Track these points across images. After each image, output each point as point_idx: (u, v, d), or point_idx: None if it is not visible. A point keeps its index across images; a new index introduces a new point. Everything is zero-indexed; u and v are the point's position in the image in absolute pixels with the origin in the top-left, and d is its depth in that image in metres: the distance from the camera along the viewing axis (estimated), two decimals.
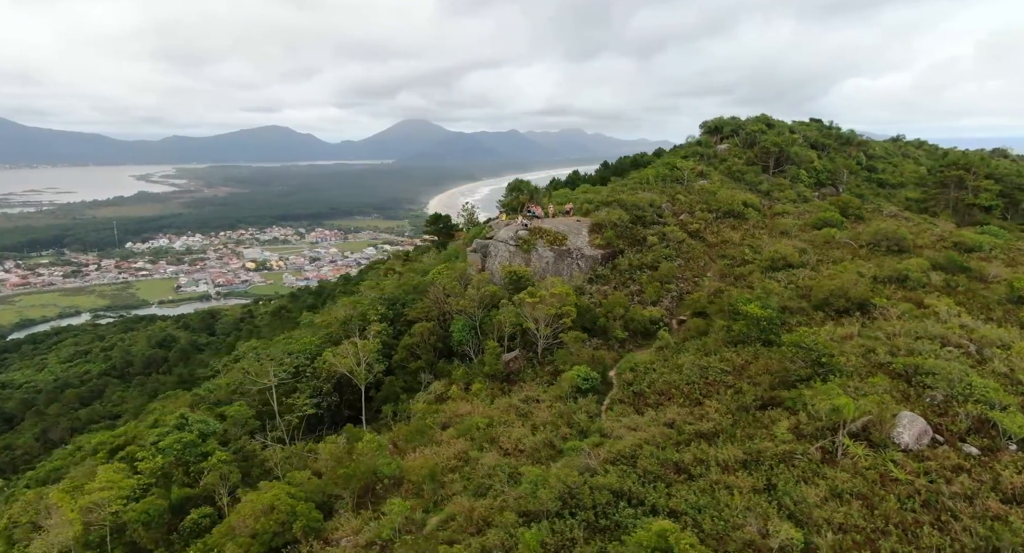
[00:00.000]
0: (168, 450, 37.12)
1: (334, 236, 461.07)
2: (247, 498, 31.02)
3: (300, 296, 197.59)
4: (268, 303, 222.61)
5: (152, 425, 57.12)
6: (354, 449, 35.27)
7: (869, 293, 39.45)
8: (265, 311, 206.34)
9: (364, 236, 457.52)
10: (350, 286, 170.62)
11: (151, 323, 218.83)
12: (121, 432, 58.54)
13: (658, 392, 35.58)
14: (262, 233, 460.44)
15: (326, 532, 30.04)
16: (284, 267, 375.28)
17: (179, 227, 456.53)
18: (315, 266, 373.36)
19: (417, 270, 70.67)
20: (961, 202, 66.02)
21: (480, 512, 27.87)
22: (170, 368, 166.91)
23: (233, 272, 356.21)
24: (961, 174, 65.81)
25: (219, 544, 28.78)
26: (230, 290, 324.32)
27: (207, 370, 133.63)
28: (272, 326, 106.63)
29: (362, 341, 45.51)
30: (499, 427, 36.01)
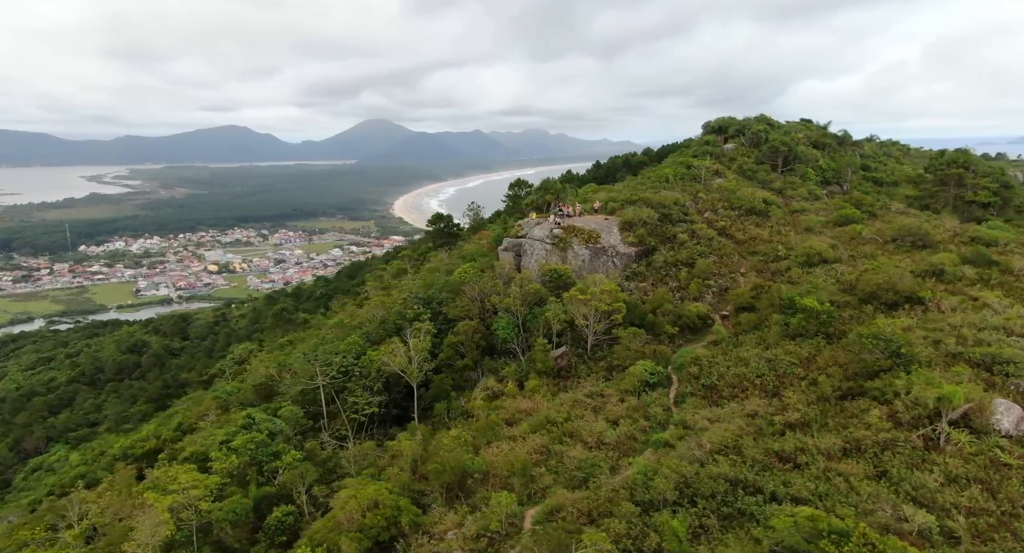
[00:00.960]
0: (242, 450, 37.02)
1: (298, 237, 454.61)
2: (343, 494, 30.93)
3: (276, 298, 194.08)
4: (242, 306, 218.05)
5: (176, 428, 55.82)
6: (437, 446, 35.38)
7: (916, 287, 41.11)
8: (240, 314, 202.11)
9: (329, 237, 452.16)
10: (334, 287, 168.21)
11: (117, 328, 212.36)
12: (143, 436, 56.99)
13: (730, 385, 36.44)
14: (223, 235, 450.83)
15: (425, 526, 30.10)
16: (248, 269, 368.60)
17: (135, 229, 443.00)
18: (280, 268, 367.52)
19: (434, 269, 70.29)
20: (961, 199, 69.24)
21: (589, 503, 28.25)
22: (143, 373, 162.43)
23: (195, 275, 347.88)
24: (960, 172, 69.03)
25: (328, 539, 28.61)
26: (192, 293, 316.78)
27: (192, 374, 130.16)
28: (273, 328, 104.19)
29: (413, 339, 45.20)
30: (576, 422, 36.35)
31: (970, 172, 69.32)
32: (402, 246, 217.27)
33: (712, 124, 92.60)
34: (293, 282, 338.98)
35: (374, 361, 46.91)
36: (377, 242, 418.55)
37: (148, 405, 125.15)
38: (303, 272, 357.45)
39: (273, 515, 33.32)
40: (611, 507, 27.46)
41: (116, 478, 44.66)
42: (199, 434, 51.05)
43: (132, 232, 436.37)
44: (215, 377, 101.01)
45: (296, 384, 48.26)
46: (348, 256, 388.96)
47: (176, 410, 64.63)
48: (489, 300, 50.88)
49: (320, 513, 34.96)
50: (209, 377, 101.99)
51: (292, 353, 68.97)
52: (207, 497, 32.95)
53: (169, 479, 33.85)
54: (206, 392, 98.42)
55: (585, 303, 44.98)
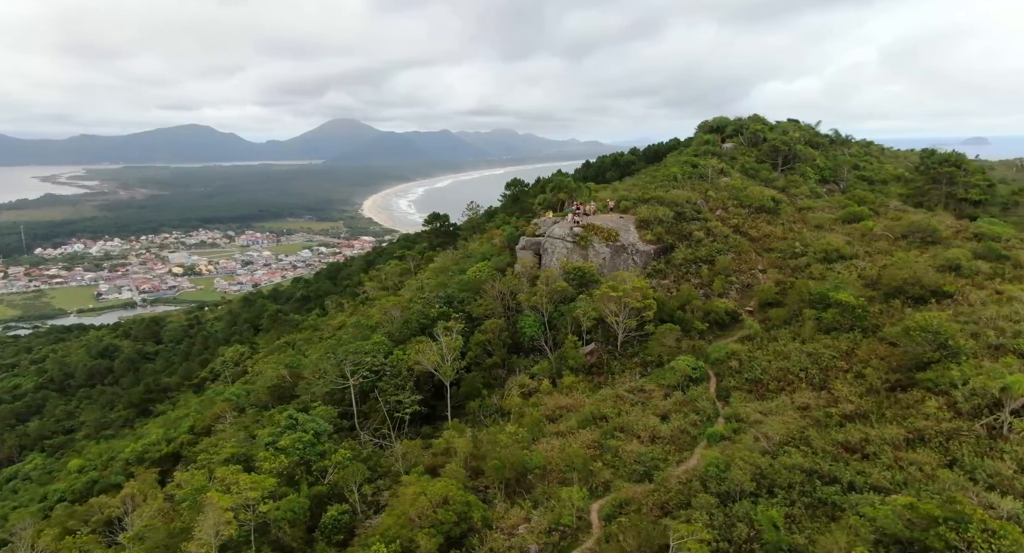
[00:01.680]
0: (291, 450, 36.79)
1: (266, 239, 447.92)
2: (410, 491, 30.97)
3: (253, 300, 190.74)
4: (215, 309, 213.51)
5: (189, 430, 54.52)
6: (491, 442, 35.63)
7: (940, 281, 42.43)
8: (214, 317, 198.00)
9: (298, 238, 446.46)
10: (315, 288, 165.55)
11: (83, 333, 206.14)
12: (153, 440, 55.55)
13: (775, 379, 37.10)
14: (188, 236, 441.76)
15: (491, 521, 30.20)
16: (215, 271, 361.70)
17: (95, 231, 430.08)
18: (248, 270, 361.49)
19: (442, 269, 69.81)
20: (953, 197, 71.77)
21: (660, 496, 28.54)
22: (117, 379, 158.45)
23: (159, 277, 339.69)
24: (952, 171, 71.53)
25: (401, 535, 28.58)
26: (157, 296, 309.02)
27: (174, 378, 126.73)
28: (268, 329, 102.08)
29: (446, 338, 44.94)
30: (625, 417, 36.56)
31: (961, 171, 71.89)
32: (386, 246, 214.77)
33: (709, 124, 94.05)
34: (262, 284, 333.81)
35: (403, 360, 46.55)
36: (347, 243, 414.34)
37: (128, 410, 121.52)
38: (272, 273, 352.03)
39: (329, 514, 33.30)
40: (687, 499, 27.77)
41: (139, 482, 43.53)
42: (218, 437, 49.84)
43: (91, 234, 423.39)
44: (206, 380, 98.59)
45: (324, 384, 47.42)
46: (318, 257, 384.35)
47: (187, 413, 62.92)
48: (515, 298, 50.80)
49: (372, 511, 34.89)
50: (199, 380, 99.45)
51: (303, 354, 68.01)
52: (266, 497, 32.63)
53: (232, 480, 33.42)
54: (195, 396, 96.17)
55: (616, 300, 45.24)
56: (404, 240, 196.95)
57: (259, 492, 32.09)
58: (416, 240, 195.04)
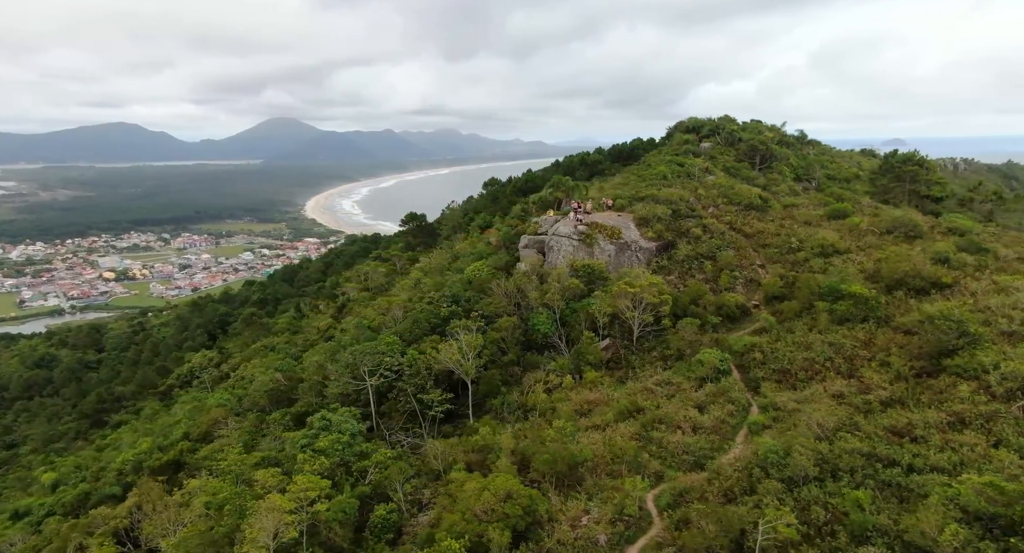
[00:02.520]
0: (330, 451, 36.53)
1: (204, 241, 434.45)
2: (470, 487, 31.33)
3: (203, 305, 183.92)
4: (160, 314, 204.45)
5: (183, 437, 52.68)
6: (537, 437, 35.99)
7: (938, 273, 44.93)
8: (160, 323, 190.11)
9: (238, 240, 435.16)
10: (272, 291, 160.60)
11: (12, 342, 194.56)
12: (146, 448, 53.29)
13: (803, 368, 38.49)
14: (118, 240, 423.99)
15: (551, 514, 30.49)
16: (150, 276, 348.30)
17: (13, 235, 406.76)
18: (186, 274, 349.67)
19: (436, 269, 69.06)
20: (916, 194, 76.08)
21: (720, 483, 29.37)
22: (57, 390, 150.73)
23: (89, 283, 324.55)
24: (916, 169, 75.83)
25: (469, 530, 28.78)
26: (87, 303, 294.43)
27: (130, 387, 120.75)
28: (241, 333, 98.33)
29: (467, 336, 44.63)
30: (663, 409, 37.21)
31: (924, 169, 76.35)
32: (342, 247, 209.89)
33: (685, 124, 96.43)
34: (203, 288, 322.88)
35: (419, 359, 46.03)
36: (291, 245, 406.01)
37: (79, 422, 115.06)
38: (213, 277, 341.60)
39: (377, 514, 33.37)
40: (749, 485, 28.55)
41: (145, 491, 42.59)
42: (221, 442, 48.29)
43: (10, 238, 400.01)
44: (173, 387, 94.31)
45: (337, 385, 46.25)
46: (261, 260, 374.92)
47: (177, 419, 60.35)
48: (527, 296, 50.85)
49: (415, 509, 34.92)
50: (165, 387, 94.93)
51: (292, 357, 66.13)
52: (321, 499, 32.23)
53: (270, 482, 33.41)
54: (161, 404, 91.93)
55: (634, 296, 45.94)
56: (363, 241, 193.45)
57: (317, 492, 31.87)
58: (374, 241, 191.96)
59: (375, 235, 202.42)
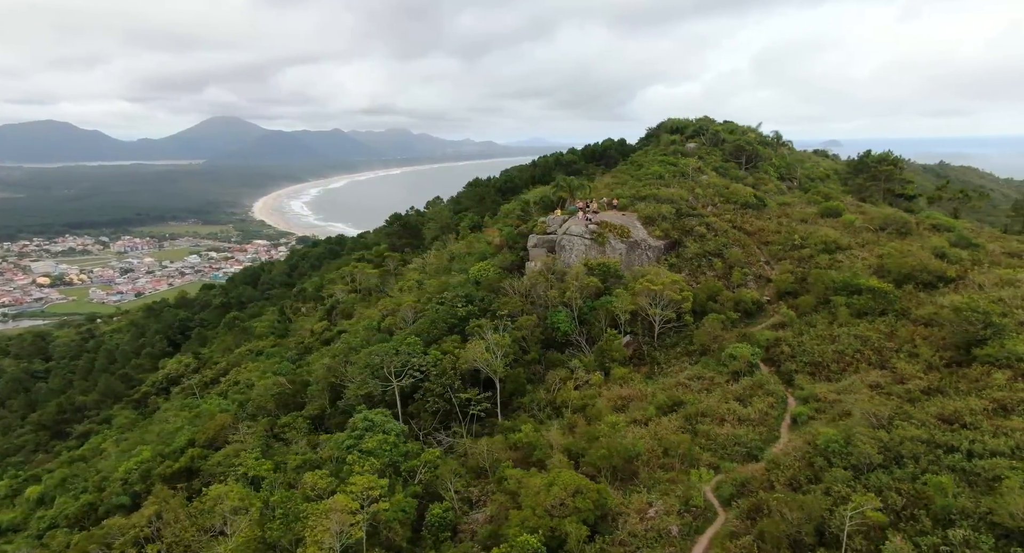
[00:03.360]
0: (379, 452, 36.49)
1: (146, 244, 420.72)
2: (535, 483, 31.66)
3: (158, 310, 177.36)
4: (111, 321, 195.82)
5: (188, 444, 51.56)
6: (587, 433, 36.63)
7: (943, 268, 47.26)
8: (111, 329, 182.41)
9: (183, 243, 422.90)
10: (237, 295, 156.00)
11: None
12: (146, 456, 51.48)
13: (834, 361, 39.84)
14: (52, 243, 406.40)
15: (617, 507, 31.12)
16: (89, 281, 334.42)
17: None
18: (128, 278, 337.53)
19: (436, 269, 68.41)
20: (891, 192, 79.77)
21: (781, 473, 30.38)
22: (2, 401, 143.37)
23: (21, 289, 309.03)
24: (891, 169, 79.50)
25: (542, 525, 29.21)
26: (20, 310, 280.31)
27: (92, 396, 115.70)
28: (226, 337, 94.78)
29: (495, 335, 44.56)
30: (703, 403, 38.01)
31: (897, 169, 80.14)
32: (304, 249, 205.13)
33: (667, 124, 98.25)
34: (147, 292, 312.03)
35: (443, 360, 45.95)
36: (240, 247, 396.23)
37: (38, 433, 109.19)
38: (157, 282, 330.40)
39: (434, 512, 33.57)
40: (814, 474, 29.44)
41: (161, 499, 41.50)
42: (235, 447, 47.64)
43: None
44: (149, 395, 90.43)
45: (359, 387, 46.16)
46: (208, 262, 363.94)
47: (179, 426, 58.22)
48: (545, 294, 51.00)
49: (467, 507, 35.09)
50: (141, 395, 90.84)
51: (288, 361, 64.52)
52: (383, 499, 32.30)
53: (320, 485, 33.77)
54: (136, 412, 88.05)
55: (658, 293, 46.70)
56: (328, 242, 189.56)
57: (379, 492, 31.77)
58: (339, 242, 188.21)
59: (340, 237, 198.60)
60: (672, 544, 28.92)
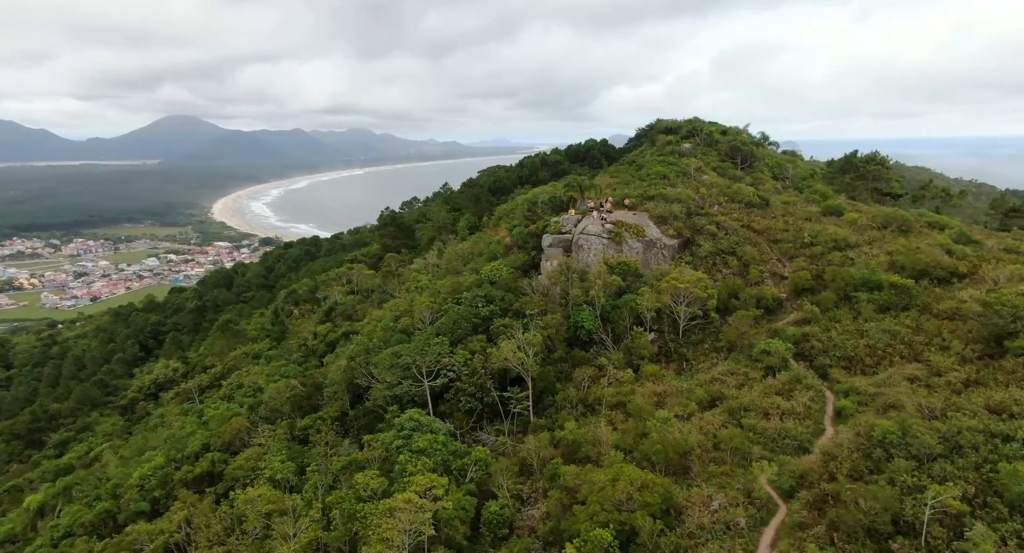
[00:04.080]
0: (431, 451, 36.46)
1: (100, 247, 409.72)
2: (600, 478, 31.69)
3: (126, 314, 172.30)
4: (73, 326, 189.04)
5: (203, 448, 50.62)
6: (639, 428, 37.11)
7: (955, 264, 49.02)
8: (76, 335, 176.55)
9: (140, 245, 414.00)
10: (211, 298, 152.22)
11: None
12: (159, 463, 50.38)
13: (867, 355, 40.88)
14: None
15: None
16: (40, 285, 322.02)
17: None
18: (83, 282, 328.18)
19: (445, 270, 67.88)
20: (878, 191, 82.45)
21: (839, 464, 31.16)
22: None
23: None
24: (878, 169, 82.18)
25: (612, 519, 29.37)
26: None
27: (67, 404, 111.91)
28: (218, 341, 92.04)
29: (527, 334, 44.60)
30: (743, 398, 38.70)
31: (885, 169, 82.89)
32: (277, 250, 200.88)
33: (660, 125, 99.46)
34: (104, 297, 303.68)
35: (473, 359, 46.43)
36: (200, 249, 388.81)
37: (11, 443, 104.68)
38: (114, 285, 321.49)
39: (491, 509, 33.80)
40: (875, 465, 30.19)
41: (187, 504, 42.04)
42: (256, 450, 47.22)
43: None
44: (137, 401, 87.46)
45: (399, 387, 46.17)
46: (168, 265, 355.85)
47: (188, 431, 57.20)
48: (571, 293, 51.22)
49: (520, 503, 35.38)
50: (128, 402, 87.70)
51: (294, 363, 63.38)
52: (446, 497, 32.49)
53: (370, 485, 34.05)
54: (124, 419, 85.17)
55: (685, 291, 47.29)
56: (303, 244, 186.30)
57: (441, 490, 31.92)
58: (314, 243, 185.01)
59: (315, 238, 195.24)
60: (741, 535, 29.35)
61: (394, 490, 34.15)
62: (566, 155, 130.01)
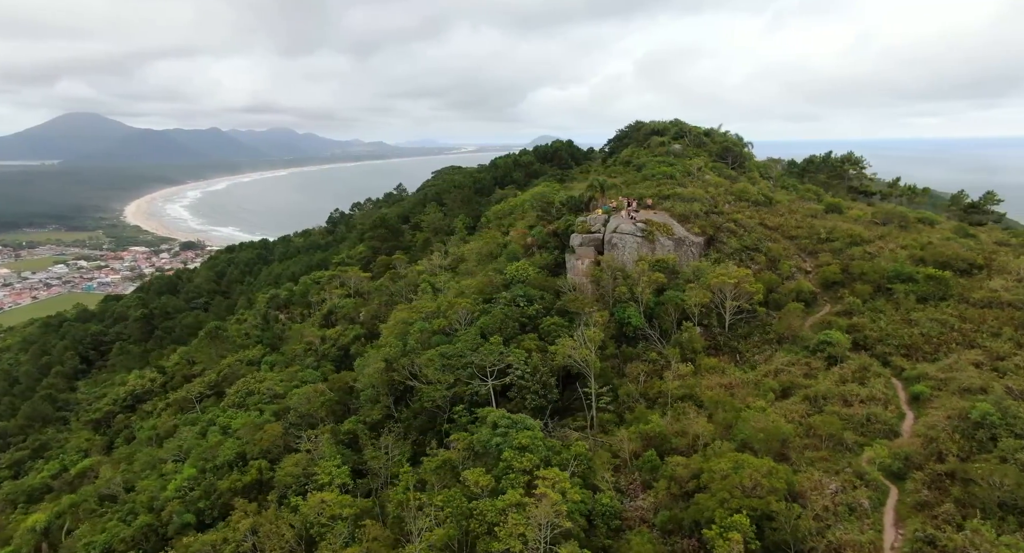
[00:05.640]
0: (535, 448, 36.65)
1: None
2: (721, 466, 32.47)
3: (56, 325, 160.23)
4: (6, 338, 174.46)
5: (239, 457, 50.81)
6: (738, 418, 37.83)
7: (974, 256, 52.56)
8: (9, 342, 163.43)
9: (45, 252, 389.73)
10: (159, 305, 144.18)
11: None
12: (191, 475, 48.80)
13: (924, 342, 43.18)
14: None
15: None
16: None
17: None
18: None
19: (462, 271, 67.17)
20: (854, 189, 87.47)
21: (941, 445, 32.94)
22: None
23: None
24: (853, 168, 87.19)
25: (746, 504, 30.12)
26: None
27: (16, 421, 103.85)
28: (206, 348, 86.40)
29: (588, 331, 44.89)
30: (816, 387, 40.36)
31: (859, 168, 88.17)
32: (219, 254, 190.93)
33: (646, 127, 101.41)
34: (6, 307, 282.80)
35: (532, 357, 46.81)
36: (114, 254, 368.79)
37: None
38: (18, 295, 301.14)
39: (603, 502, 34.40)
40: (980, 445, 32.05)
41: (251, 514, 40.89)
42: (298, 456, 46.30)
43: None
44: (112, 414, 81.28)
45: (450, 387, 46.69)
46: (79, 273, 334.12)
47: (213, 442, 56.67)
48: (616, 290, 51.64)
49: (620, 495, 36.00)
50: (104, 415, 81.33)
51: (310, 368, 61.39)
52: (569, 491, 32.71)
53: (479, 481, 34.54)
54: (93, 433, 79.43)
55: (734, 286, 48.64)
56: (253, 247, 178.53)
57: (566, 484, 32.34)
58: (264, 246, 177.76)
59: (263, 241, 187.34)
60: (865, 516, 30.51)
61: (503, 487, 34.42)
62: (536, 156, 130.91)
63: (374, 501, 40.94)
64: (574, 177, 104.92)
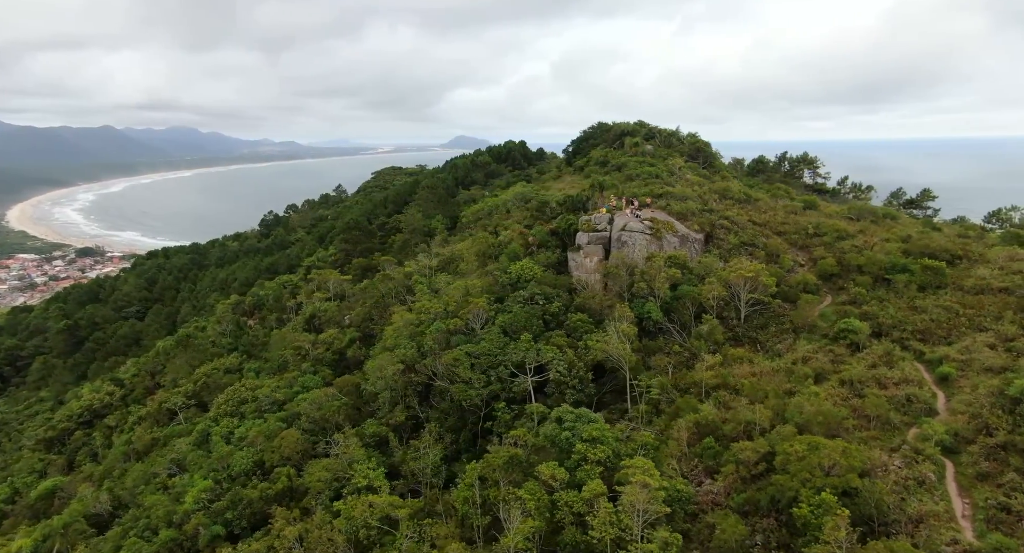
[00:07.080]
0: (605, 440, 37.75)
1: None
2: (795, 449, 33.95)
3: None
4: None
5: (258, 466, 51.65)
6: (791, 404, 39.55)
7: (956, 247, 56.82)
8: None
9: None
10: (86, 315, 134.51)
11: None
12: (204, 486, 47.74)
13: (937, 327, 46.33)
14: None
15: None
16: None
17: None
18: None
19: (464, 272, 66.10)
20: (810, 187, 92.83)
21: (981, 422, 35.69)
22: None
23: None
24: (809, 167, 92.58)
25: (825, 484, 31.68)
26: None
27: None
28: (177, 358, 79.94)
29: (622, 325, 45.67)
30: (846, 372, 42.80)
31: (815, 167, 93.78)
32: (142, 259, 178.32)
33: (616, 129, 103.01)
34: None
35: (567, 353, 48.08)
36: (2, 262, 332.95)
37: None
38: None
39: (678, 488, 35.30)
40: (1021, 417, 34.80)
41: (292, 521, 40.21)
42: (327, 460, 46.46)
43: None
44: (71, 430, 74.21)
45: (487, 384, 47.39)
46: None
47: (224, 451, 54.40)
48: (635, 286, 52.54)
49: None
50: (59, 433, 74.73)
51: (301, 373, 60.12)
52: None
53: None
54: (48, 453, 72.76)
55: (752, 279, 50.56)
56: (188, 251, 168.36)
57: (655, 471, 33.69)
58: (197, 250, 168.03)
59: (195, 244, 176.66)
60: (934, 488, 32.57)
61: (580, 478, 35.45)
62: (492, 156, 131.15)
63: (424, 500, 40.00)
64: (536, 178, 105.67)
